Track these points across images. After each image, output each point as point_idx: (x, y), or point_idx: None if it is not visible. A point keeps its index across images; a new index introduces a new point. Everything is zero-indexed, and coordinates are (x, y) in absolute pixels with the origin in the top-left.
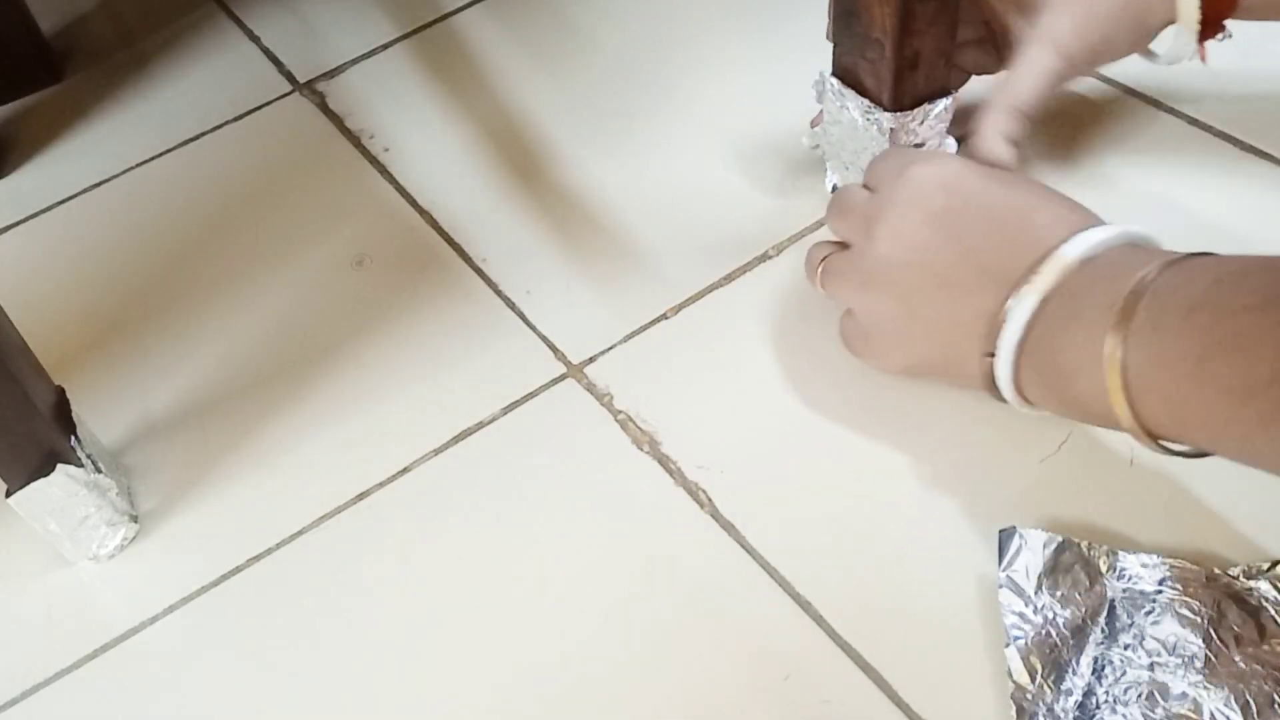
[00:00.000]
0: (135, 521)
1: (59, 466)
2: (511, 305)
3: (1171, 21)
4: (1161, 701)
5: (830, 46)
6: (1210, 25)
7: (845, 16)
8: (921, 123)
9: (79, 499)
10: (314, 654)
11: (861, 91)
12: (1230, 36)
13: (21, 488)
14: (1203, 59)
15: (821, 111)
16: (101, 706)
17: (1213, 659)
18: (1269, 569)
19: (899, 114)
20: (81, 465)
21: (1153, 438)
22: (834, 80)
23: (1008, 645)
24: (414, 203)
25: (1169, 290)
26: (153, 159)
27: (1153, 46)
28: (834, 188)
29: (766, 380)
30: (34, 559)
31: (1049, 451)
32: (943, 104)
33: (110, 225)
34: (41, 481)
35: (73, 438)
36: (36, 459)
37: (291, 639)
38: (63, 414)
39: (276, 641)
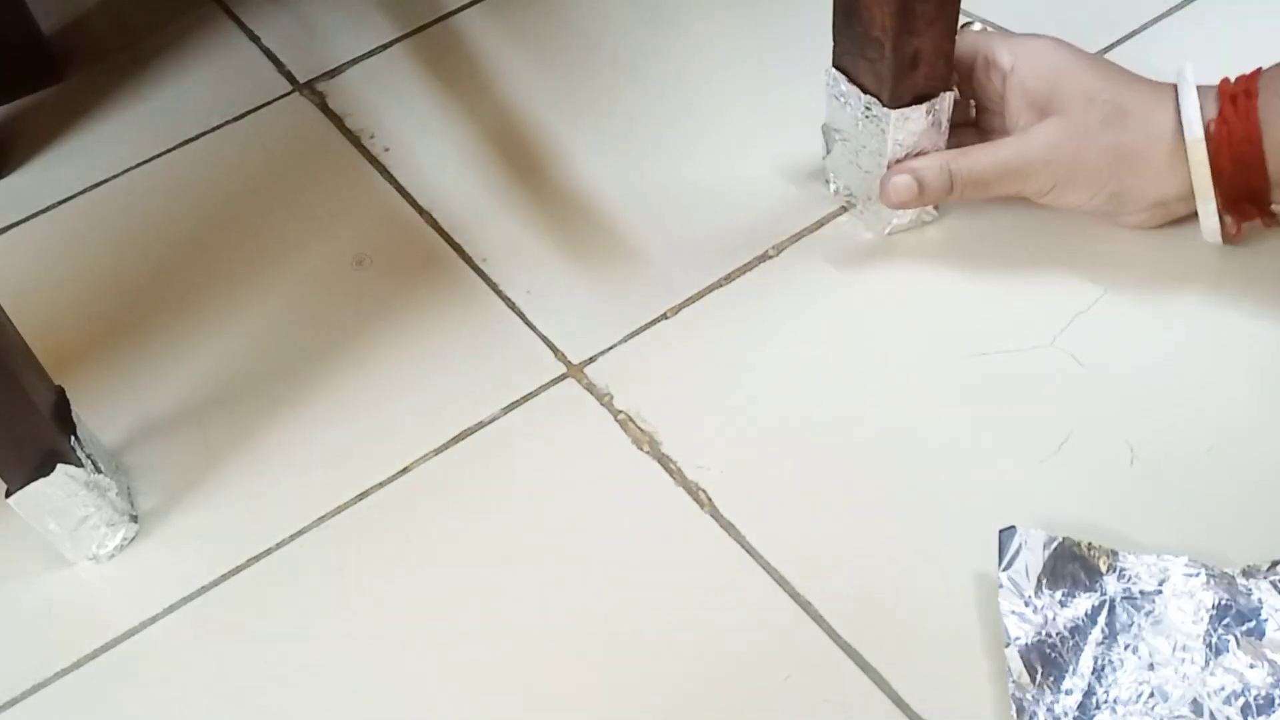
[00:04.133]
0: (135, 521)
1: (59, 466)
2: (511, 305)
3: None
4: (1161, 701)
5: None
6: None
7: (845, 15)
8: (921, 121)
9: (79, 499)
10: (314, 653)
11: (862, 89)
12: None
13: (21, 487)
14: (1239, 233)
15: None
16: (102, 706)
17: (1213, 659)
18: (1269, 569)
19: (899, 111)
20: (81, 465)
21: None
22: (836, 73)
23: (1008, 645)
24: (414, 203)
25: None
26: (153, 159)
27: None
28: (835, 191)
29: (766, 380)
30: (34, 559)
31: (1049, 451)
32: (943, 101)
33: (110, 225)
34: (41, 481)
35: (72, 437)
36: (36, 459)
37: (291, 638)
38: (62, 414)
39: (276, 641)
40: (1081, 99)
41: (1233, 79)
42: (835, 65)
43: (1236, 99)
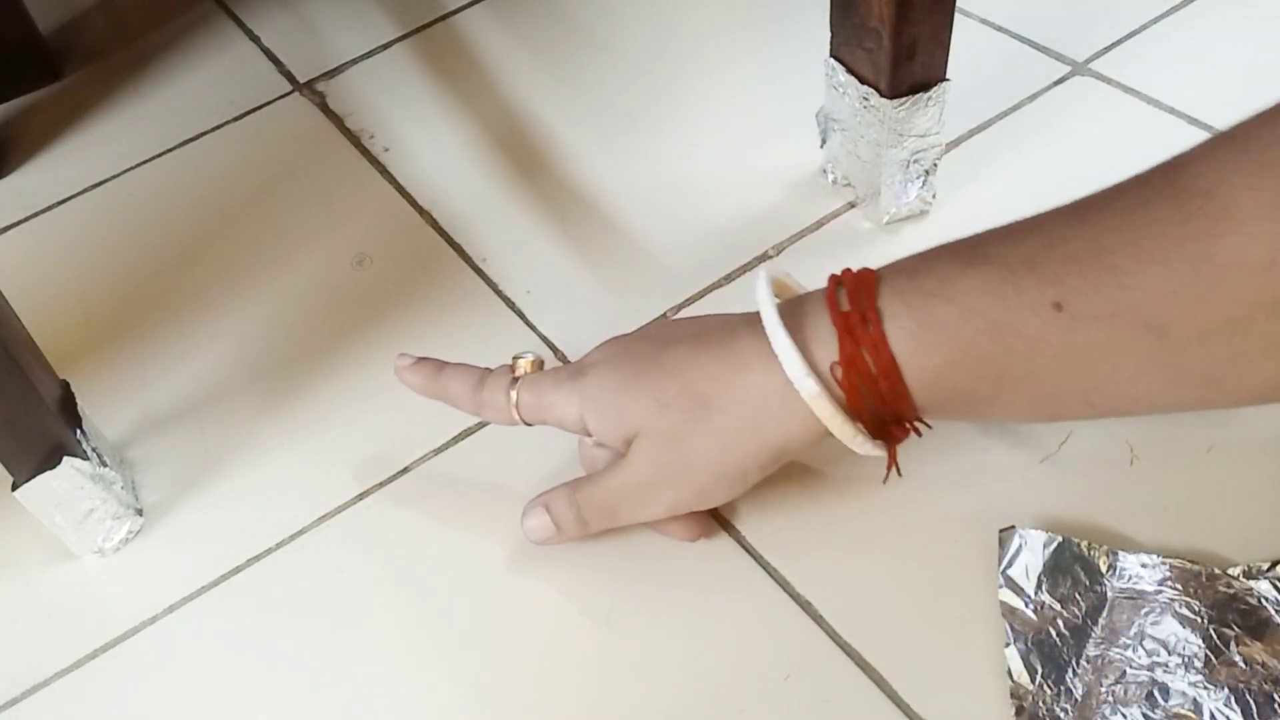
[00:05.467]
0: (140, 515)
1: (65, 459)
2: (511, 305)
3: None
4: (1161, 701)
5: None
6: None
7: (842, 5)
8: (919, 110)
9: (85, 492)
10: (314, 653)
11: (860, 79)
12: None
13: (28, 480)
14: (894, 465)
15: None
16: (105, 703)
17: (1213, 659)
18: (1269, 569)
19: (896, 101)
20: (87, 458)
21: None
22: (835, 63)
23: (1008, 645)
24: (414, 203)
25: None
26: (153, 159)
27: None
28: (834, 182)
29: None
30: (40, 552)
31: (1049, 451)
32: (939, 90)
33: (111, 224)
34: (48, 474)
35: (78, 431)
36: (43, 452)
37: (292, 638)
38: (68, 407)
39: (276, 641)
40: (652, 411)
41: (843, 299)
42: (833, 55)
43: (856, 331)
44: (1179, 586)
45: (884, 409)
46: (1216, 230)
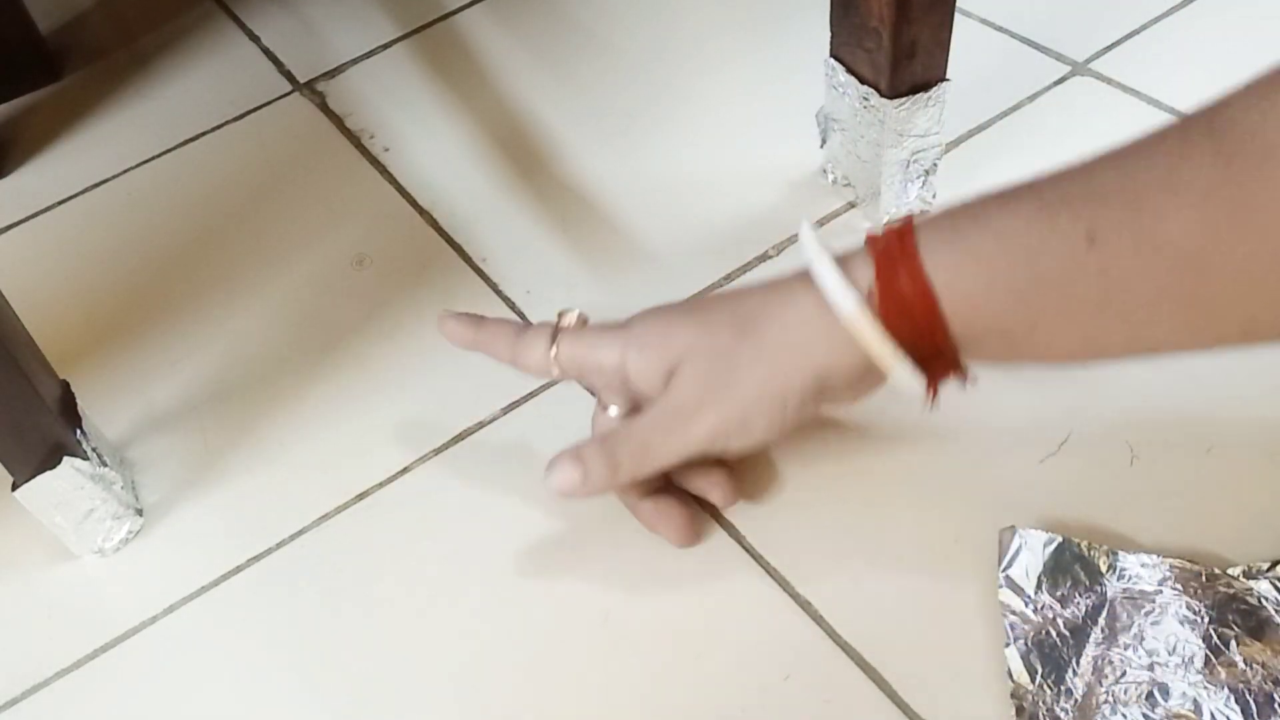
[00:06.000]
0: (140, 515)
1: (65, 459)
2: (511, 305)
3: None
4: (1161, 701)
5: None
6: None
7: (843, 5)
8: (919, 110)
9: (85, 492)
10: (315, 653)
11: (860, 79)
12: (975, 381)
13: (28, 480)
14: (934, 396)
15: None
16: (105, 703)
17: (1213, 659)
18: (1269, 569)
19: (896, 101)
20: (87, 458)
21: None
22: (835, 63)
23: (1008, 645)
24: (414, 203)
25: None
26: (153, 159)
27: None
28: (834, 181)
29: None
30: (40, 552)
31: (1049, 451)
32: (939, 90)
33: (111, 224)
34: (48, 474)
35: (78, 431)
36: (43, 452)
37: (292, 638)
38: (68, 407)
39: (276, 641)
40: (700, 334)
41: (880, 240)
42: (833, 55)
43: (894, 258)
44: (1179, 586)
45: (921, 339)
46: (1260, 170)
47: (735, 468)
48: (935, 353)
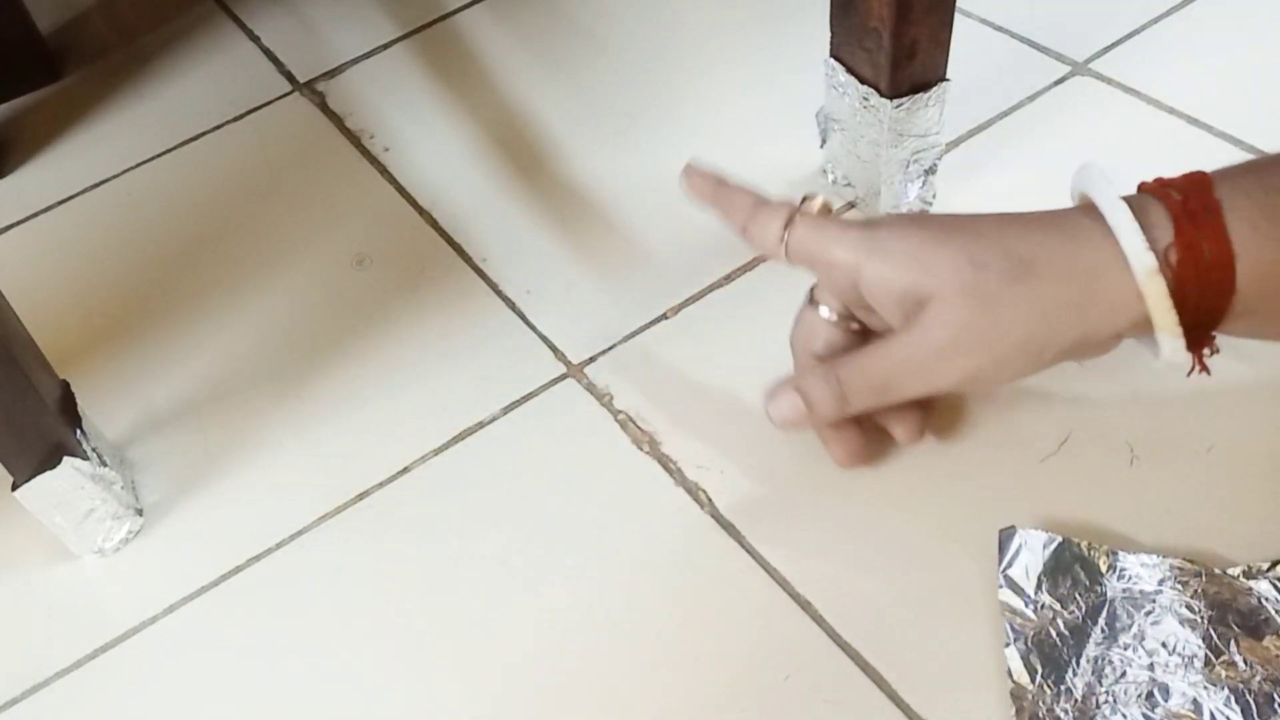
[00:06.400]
0: (140, 515)
1: (65, 459)
2: (511, 305)
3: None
4: (1161, 701)
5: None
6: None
7: (842, 5)
8: (919, 110)
9: (85, 492)
10: (315, 653)
11: (860, 79)
12: (1218, 351)
13: (28, 480)
14: (1204, 368)
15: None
16: (105, 703)
17: (1213, 659)
18: (1269, 569)
19: (896, 101)
20: (87, 458)
21: None
22: (835, 63)
23: (1008, 645)
24: (414, 203)
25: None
26: (153, 159)
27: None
28: (834, 181)
29: (767, 380)
30: (40, 552)
31: (1049, 451)
32: (939, 90)
33: (111, 224)
34: (48, 474)
35: (78, 431)
36: (43, 452)
37: (292, 638)
38: (68, 407)
39: (276, 641)
40: (964, 266)
41: (1176, 193)
42: (833, 55)
43: (1197, 217)
44: (1179, 586)
45: (1205, 306)
46: None
47: (928, 406)
48: (1208, 319)
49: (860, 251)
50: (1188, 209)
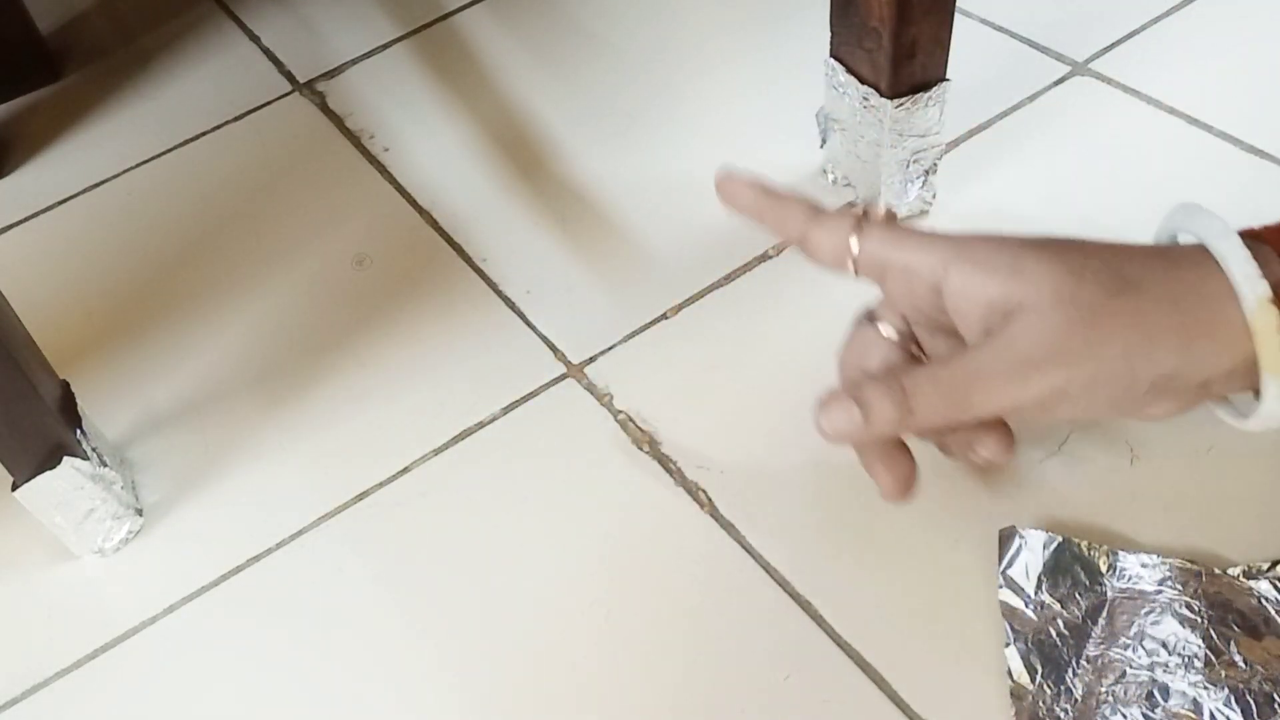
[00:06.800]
0: (140, 515)
1: (65, 459)
2: (511, 305)
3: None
4: (1162, 701)
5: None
6: None
7: (842, 5)
8: (919, 110)
9: (85, 492)
10: (315, 653)
11: (860, 79)
12: None
13: (28, 480)
14: None
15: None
16: (105, 703)
17: (1213, 659)
18: (1269, 569)
19: (896, 101)
20: (87, 458)
21: None
22: (835, 63)
23: (1008, 645)
24: (414, 203)
25: None
26: (153, 159)
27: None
28: (834, 181)
29: (766, 380)
30: (39, 552)
31: (1049, 451)
32: (939, 90)
33: (111, 224)
34: (48, 474)
35: (78, 431)
36: (43, 452)
37: (292, 638)
38: (68, 407)
39: (276, 641)
40: (1063, 275)
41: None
42: (833, 55)
43: None
44: (1179, 586)
45: None
46: None
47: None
48: None
49: (947, 255)
50: None
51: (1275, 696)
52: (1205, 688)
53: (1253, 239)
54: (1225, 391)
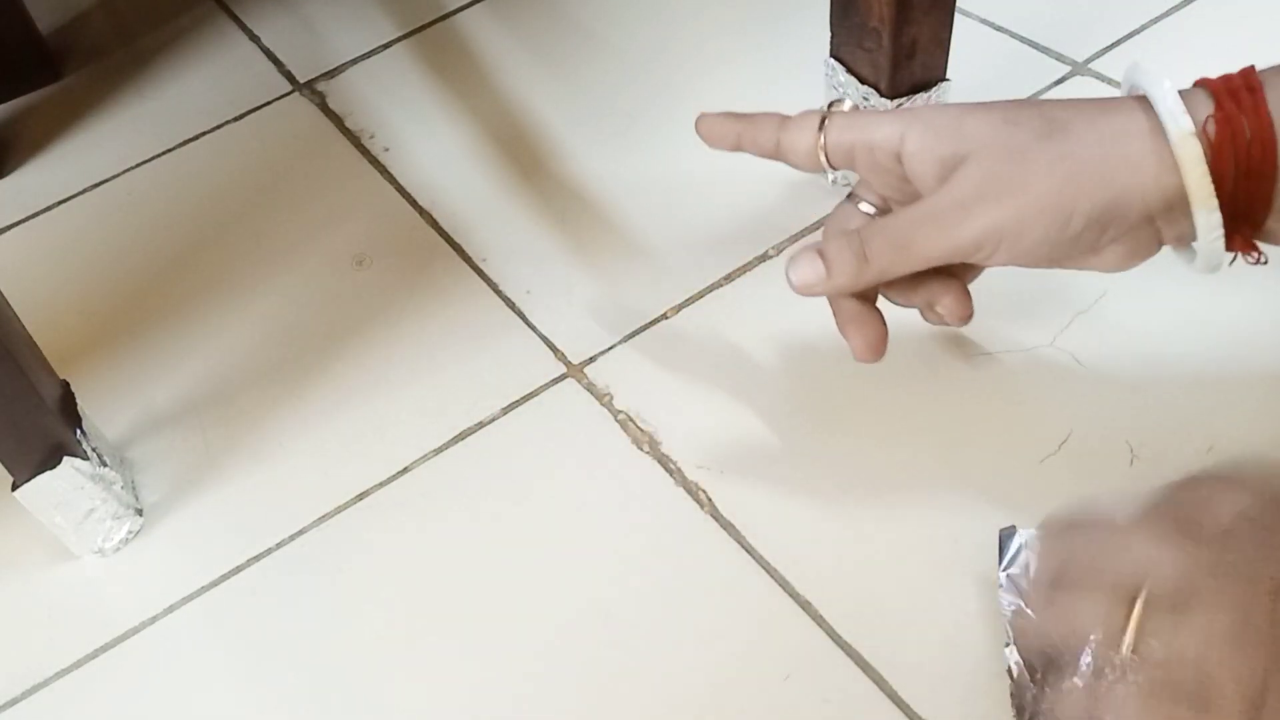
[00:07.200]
0: (140, 515)
1: (65, 459)
2: (511, 305)
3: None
4: None
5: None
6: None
7: (842, 6)
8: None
9: (85, 492)
10: (315, 653)
11: (860, 79)
12: (1265, 261)
13: (28, 480)
14: (1254, 252)
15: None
16: (105, 703)
17: None
18: None
19: (896, 101)
20: (87, 458)
21: None
22: (835, 63)
23: (1008, 645)
24: (414, 203)
25: None
26: (153, 159)
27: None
28: (834, 181)
29: (766, 380)
30: (39, 552)
31: (1049, 451)
32: (939, 90)
33: (111, 224)
34: (48, 474)
35: (78, 431)
36: (43, 452)
37: (292, 638)
38: (68, 407)
39: (276, 641)
40: (998, 128)
41: (1217, 78)
42: (833, 55)
43: (1238, 94)
44: None
45: (1244, 185)
46: None
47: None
48: (1248, 207)
49: (902, 125)
50: (1229, 86)
51: None
52: None
53: (1195, 86)
54: (1174, 232)
